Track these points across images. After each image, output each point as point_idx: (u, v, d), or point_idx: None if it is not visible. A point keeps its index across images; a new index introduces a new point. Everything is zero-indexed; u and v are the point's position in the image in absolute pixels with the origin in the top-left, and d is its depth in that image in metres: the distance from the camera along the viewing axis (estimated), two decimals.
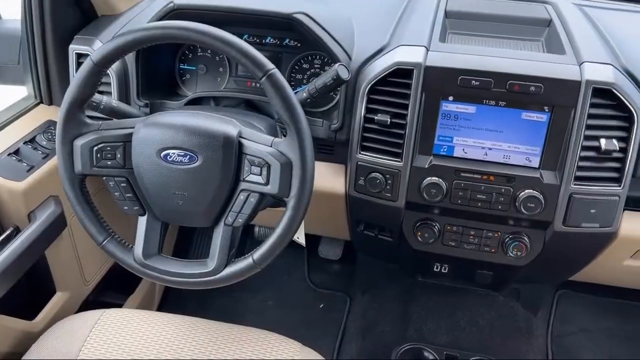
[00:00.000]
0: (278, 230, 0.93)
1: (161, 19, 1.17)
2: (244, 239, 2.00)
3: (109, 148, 0.96)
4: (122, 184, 0.98)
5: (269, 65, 0.87)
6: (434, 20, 1.22)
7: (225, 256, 0.96)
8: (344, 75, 0.99)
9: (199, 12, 1.15)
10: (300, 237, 1.24)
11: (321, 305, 1.90)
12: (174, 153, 0.92)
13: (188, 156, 0.92)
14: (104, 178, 0.99)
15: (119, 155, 0.97)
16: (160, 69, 1.32)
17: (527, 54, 1.11)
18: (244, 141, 0.93)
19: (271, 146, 0.91)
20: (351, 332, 1.73)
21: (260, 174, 0.91)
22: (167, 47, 1.32)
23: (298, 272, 2.01)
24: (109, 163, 0.97)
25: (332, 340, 1.76)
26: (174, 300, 1.91)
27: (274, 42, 1.29)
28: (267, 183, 0.91)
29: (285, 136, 0.91)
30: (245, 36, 1.29)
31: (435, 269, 1.35)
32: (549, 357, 1.71)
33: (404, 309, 1.72)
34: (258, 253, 0.95)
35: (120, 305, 1.62)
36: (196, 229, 1.93)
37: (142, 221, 1.00)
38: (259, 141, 0.92)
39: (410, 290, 1.76)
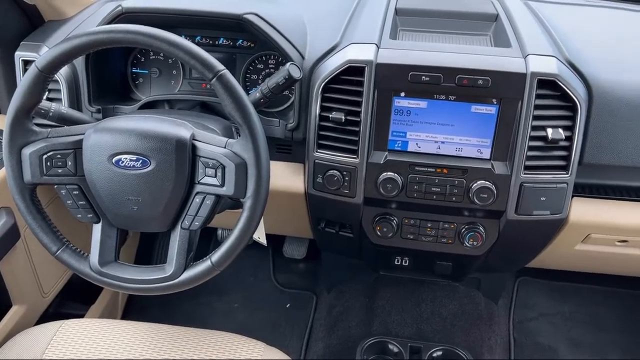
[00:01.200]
0: (236, 232, 0.93)
1: (110, 23, 1.15)
2: (207, 242, 1.99)
3: (59, 156, 0.94)
4: (74, 192, 0.96)
5: (219, 66, 0.87)
6: (385, 18, 1.23)
7: (183, 260, 0.96)
8: (296, 74, 1.00)
9: (148, 15, 1.14)
10: (261, 238, 1.24)
11: (287, 305, 1.90)
12: (126, 158, 0.91)
13: (140, 161, 0.91)
14: (56, 186, 0.97)
15: (69, 163, 0.95)
16: (112, 74, 1.30)
17: (474, 49, 1.14)
18: (197, 143, 0.92)
19: (225, 147, 0.91)
20: (318, 330, 1.74)
21: (215, 176, 0.91)
22: (119, 51, 1.30)
23: (263, 272, 2.01)
24: (60, 171, 0.95)
25: (300, 339, 1.77)
26: (138, 308, 1.89)
27: (227, 43, 1.29)
28: (222, 185, 0.91)
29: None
30: (198, 38, 1.28)
31: (396, 262, 1.38)
32: (511, 343, 1.76)
33: (368, 303, 1.74)
34: (216, 255, 0.95)
35: (81, 316, 1.59)
36: (158, 233, 1.91)
37: (97, 228, 0.99)
38: (212, 143, 0.92)
39: (374, 285, 1.78)
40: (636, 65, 1.16)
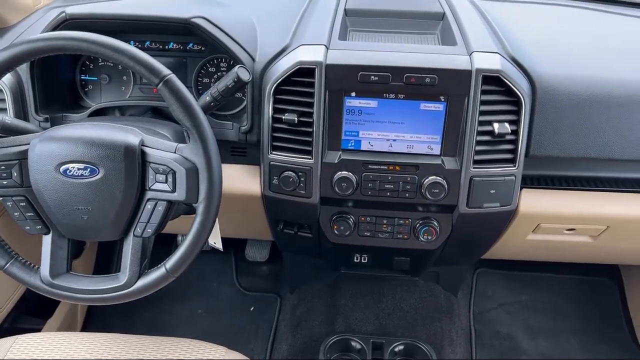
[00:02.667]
0: (189, 237, 0.92)
1: (53, 30, 1.13)
2: (168, 249, 1.96)
3: (3, 167, 0.92)
4: (21, 203, 0.94)
5: (165, 71, 0.87)
6: (334, 19, 1.25)
7: (137, 268, 0.95)
8: (245, 77, 1.00)
9: (92, 21, 1.12)
10: (217, 243, 1.23)
11: (251, 308, 1.90)
12: (74, 167, 0.90)
13: (89, 169, 0.90)
14: (1, 199, 0.94)
15: (15, 174, 0.93)
16: (60, 81, 1.27)
17: (421, 48, 1.17)
18: (146, 149, 0.91)
19: (175, 152, 0.90)
20: (281, 331, 1.74)
21: (166, 182, 0.90)
22: (66, 58, 1.27)
23: (226, 277, 2.00)
24: (5, 182, 0.93)
25: (264, 341, 1.77)
26: (98, 319, 1.85)
27: (177, 47, 1.28)
28: (173, 190, 0.90)
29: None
30: (147, 43, 1.27)
31: (355, 260, 1.39)
32: (472, 333, 1.80)
33: (331, 302, 1.75)
34: (171, 262, 0.94)
35: (38, 330, 1.55)
36: (116, 242, 1.88)
37: (47, 240, 0.97)
38: (162, 148, 0.91)
39: (336, 283, 1.80)
40: (577, 60, 1.21)
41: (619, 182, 1.25)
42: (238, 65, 1.01)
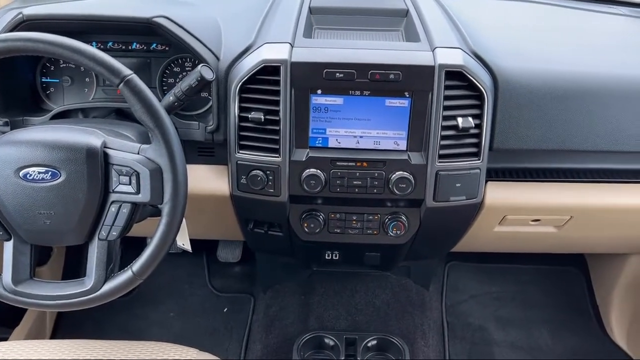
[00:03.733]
0: (155, 239, 0.91)
1: (10, 31, 1.11)
2: (138, 253, 1.94)
3: None
4: None
5: (126, 71, 0.86)
6: (299, 17, 1.25)
7: (103, 272, 0.93)
8: (208, 76, 1.00)
9: (51, 22, 1.10)
10: (185, 244, 1.22)
11: (225, 310, 1.89)
12: (34, 171, 0.88)
13: (50, 172, 0.88)
14: None
15: None
16: (20, 84, 1.25)
17: (385, 44, 1.18)
18: (109, 151, 0.90)
19: (138, 153, 0.89)
20: (255, 331, 1.74)
21: (130, 183, 0.89)
22: (25, 60, 1.24)
23: (199, 279, 1.99)
24: None
25: (239, 342, 1.76)
26: (68, 325, 1.82)
27: (141, 47, 1.26)
28: (137, 192, 0.89)
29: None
30: (110, 44, 1.25)
31: (327, 257, 1.40)
32: (444, 326, 1.83)
33: (304, 300, 1.76)
34: (137, 264, 0.93)
35: (5, 339, 1.52)
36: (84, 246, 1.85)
37: (8, 246, 0.95)
38: (125, 150, 0.90)
39: (309, 281, 1.80)
40: (538, 54, 1.23)
41: (581, 173, 1.28)
42: (201, 65, 1.00)
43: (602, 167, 1.30)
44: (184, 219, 1.19)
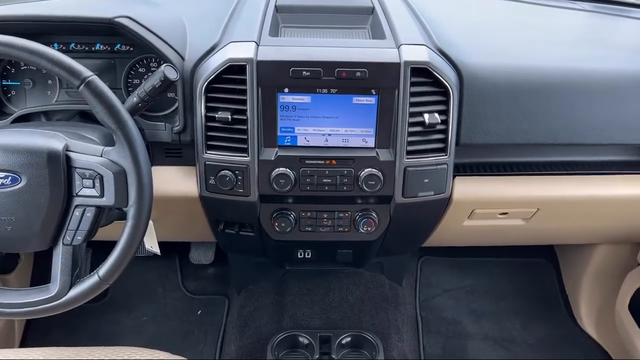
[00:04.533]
0: (121, 242, 0.90)
1: None
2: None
3: None
4: None
5: (86, 72, 0.84)
6: (264, 15, 1.24)
7: (68, 277, 0.92)
8: (172, 76, 0.98)
9: (11, 23, 1.07)
10: (154, 247, 1.21)
11: (199, 312, 1.87)
12: None
13: (10, 177, 0.86)
14: None
15: None
16: None
17: (352, 42, 1.18)
18: (71, 154, 0.88)
19: (101, 156, 0.88)
20: (230, 332, 1.73)
21: (94, 187, 0.88)
22: None
23: (172, 282, 1.97)
24: None
25: (213, 344, 1.75)
26: (37, 333, 1.78)
27: (105, 48, 1.24)
28: (102, 195, 0.88)
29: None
30: (72, 45, 1.23)
31: (299, 256, 1.40)
32: (419, 320, 1.84)
33: (278, 299, 1.75)
34: (103, 269, 0.91)
35: None
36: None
37: None
38: (87, 152, 0.88)
39: (283, 281, 1.80)
40: (501, 50, 1.25)
41: (546, 166, 1.31)
42: (164, 64, 0.99)
43: (566, 160, 1.33)
44: (151, 222, 1.18)
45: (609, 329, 1.82)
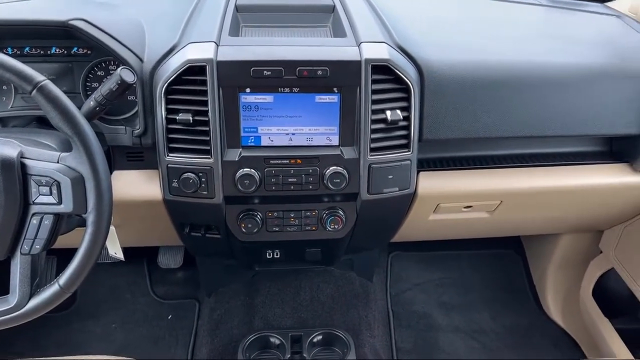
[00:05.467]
0: (82, 250, 0.88)
1: None
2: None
3: None
4: None
5: (38, 77, 0.82)
6: (224, 16, 1.23)
7: (27, 288, 0.89)
8: (129, 78, 0.97)
9: None
10: (117, 253, 1.19)
11: (169, 317, 1.85)
12: None
13: None
14: None
15: None
16: None
17: (312, 40, 1.18)
18: (27, 161, 0.86)
19: (58, 162, 0.86)
20: (201, 335, 1.71)
21: (51, 194, 0.86)
22: None
23: (140, 288, 1.94)
24: None
25: (185, 348, 1.73)
26: (1, 343, 1.73)
27: (61, 52, 1.21)
28: (59, 202, 0.86)
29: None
30: (27, 49, 1.19)
31: (268, 256, 1.39)
32: (390, 315, 1.86)
33: (249, 301, 1.75)
34: (64, 277, 0.89)
35: None
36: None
37: None
38: (43, 159, 0.86)
39: (253, 282, 1.79)
40: (461, 45, 1.27)
41: (509, 159, 1.34)
42: (121, 67, 0.97)
43: (528, 152, 1.36)
44: (113, 227, 1.17)
45: (575, 316, 1.87)
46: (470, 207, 1.35)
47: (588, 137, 1.36)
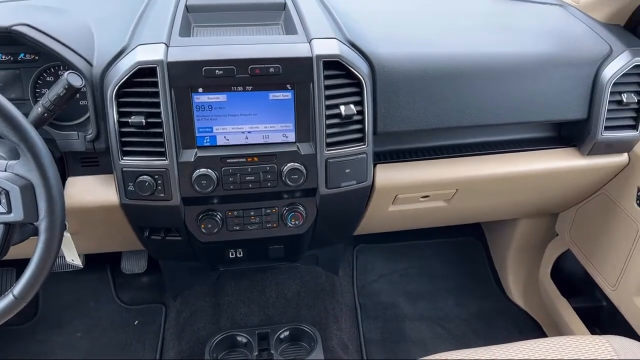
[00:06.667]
0: (35, 259, 0.87)
1: None
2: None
3: None
4: None
5: None
6: (174, 16, 1.22)
7: None
8: (76, 83, 0.95)
9: None
10: (75, 260, 1.17)
11: (136, 322, 1.83)
12: None
13: None
14: None
15: None
16: None
17: (264, 38, 1.18)
18: None
19: (5, 170, 0.84)
20: (168, 339, 1.70)
21: (0, 203, 0.84)
22: None
23: (105, 295, 1.91)
24: None
25: (153, 352, 1.72)
26: None
27: (7, 58, 1.18)
28: (9, 211, 0.84)
29: None
30: None
31: (231, 256, 1.39)
32: (357, 307, 1.88)
33: (215, 301, 1.74)
34: (18, 287, 0.88)
35: None
36: None
37: None
38: None
39: (218, 283, 1.78)
40: (412, 39, 1.29)
41: (465, 148, 1.37)
42: (68, 72, 0.96)
43: (482, 141, 1.39)
44: (68, 234, 1.15)
45: (535, 298, 1.93)
46: (427, 196, 1.38)
47: (538, 124, 1.40)
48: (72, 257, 1.15)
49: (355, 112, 1.14)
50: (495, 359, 1.02)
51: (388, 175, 1.29)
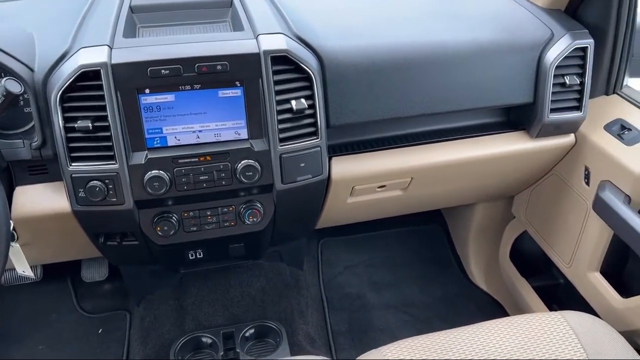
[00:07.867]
0: None
1: None
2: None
3: None
4: None
5: None
6: (118, 17, 1.20)
7: None
8: (15, 89, 0.93)
9: None
10: (26, 271, 1.14)
11: (100, 331, 1.79)
12: None
13: None
14: None
15: None
16: None
17: (210, 36, 1.17)
18: None
19: None
20: (133, 345, 1.67)
21: None
22: None
23: (66, 305, 1.87)
24: None
25: None
26: None
27: None
28: None
29: None
30: None
31: (190, 257, 1.38)
32: (324, 300, 1.89)
33: (178, 304, 1.72)
34: None
35: None
36: None
37: None
38: None
39: (181, 285, 1.77)
40: (360, 31, 1.30)
41: (420, 136, 1.39)
42: (6, 78, 0.93)
43: (433, 129, 1.42)
44: (17, 245, 1.12)
45: (497, 280, 1.98)
46: (383, 186, 1.40)
47: (486, 110, 1.43)
48: (22, 268, 1.12)
49: (307, 106, 1.14)
50: (457, 340, 1.05)
51: (344, 168, 1.30)
